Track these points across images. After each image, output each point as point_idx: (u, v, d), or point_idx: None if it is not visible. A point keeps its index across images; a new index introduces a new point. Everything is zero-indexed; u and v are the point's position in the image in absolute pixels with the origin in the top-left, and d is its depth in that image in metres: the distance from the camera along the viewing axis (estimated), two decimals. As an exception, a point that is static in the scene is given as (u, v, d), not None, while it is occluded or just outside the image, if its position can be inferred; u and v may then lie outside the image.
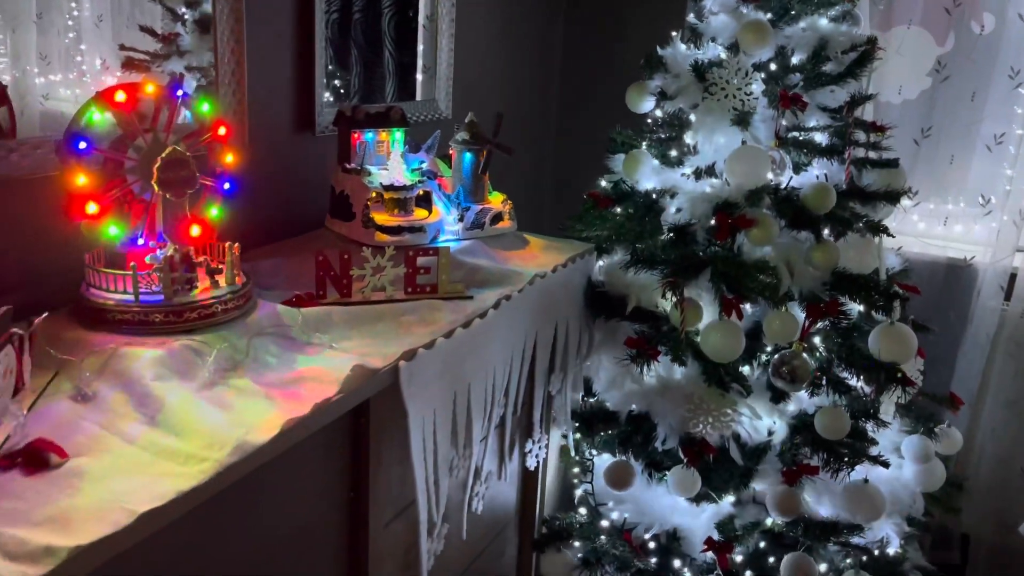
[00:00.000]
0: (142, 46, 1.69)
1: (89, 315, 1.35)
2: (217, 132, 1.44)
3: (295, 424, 1.19)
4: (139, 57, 1.69)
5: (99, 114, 1.29)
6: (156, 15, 1.74)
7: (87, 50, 1.60)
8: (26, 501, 0.96)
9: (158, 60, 1.74)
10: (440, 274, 1.71)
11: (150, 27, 1.77)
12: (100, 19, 1.64)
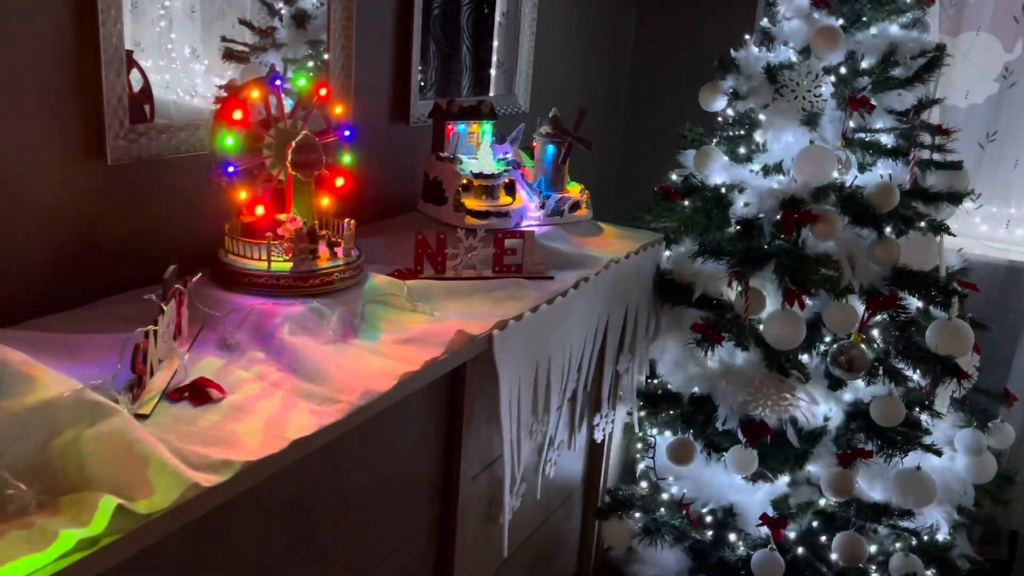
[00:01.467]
0: (241, 38, 1.81)
1: (226, 277, 1.54)
2: (319, 94, 1.60)
3: (409, 377, 1.36)
4: (238, 49, 1.83)
5: (230, 138, 1.48)
6: (249, 8, 1.84)
7: (177, 39, 1.69)
8: (198, 426, 1.15)
9: (256, 52, 1.89)
10: (525, 255, 1.87)
11: (248, 20, 1.94)
12: (192, 10, 1.75)
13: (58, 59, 1.42)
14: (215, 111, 1.52)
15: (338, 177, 1.61)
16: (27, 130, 1.40)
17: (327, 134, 1.61)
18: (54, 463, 0.99)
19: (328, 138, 1.59)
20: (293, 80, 1.62)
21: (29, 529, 0.90)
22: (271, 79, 1.53)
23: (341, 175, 1.62)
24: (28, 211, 1.42)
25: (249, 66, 1.85)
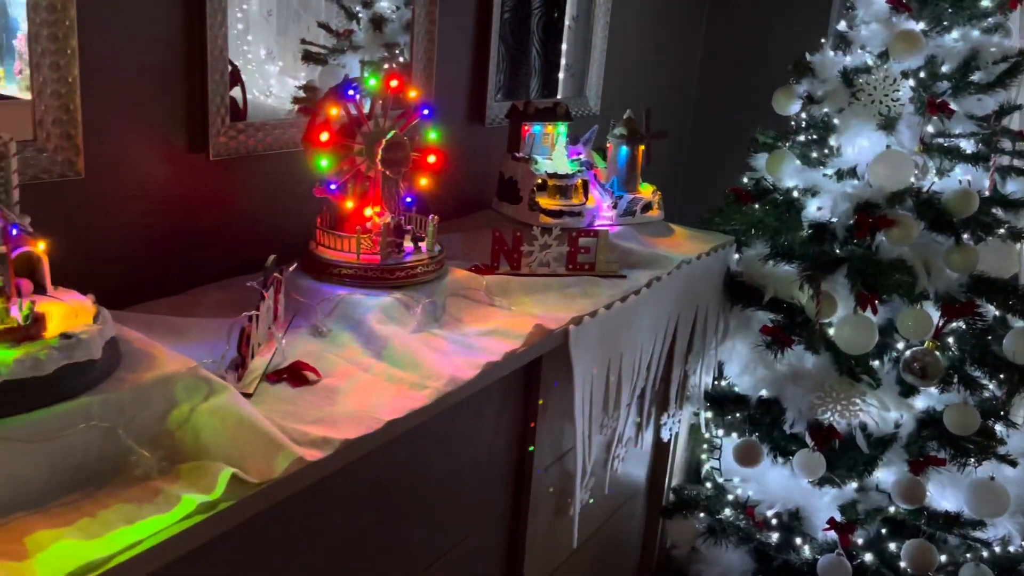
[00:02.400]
0: (319, 41, 1.86)
1: (316, 268, 1.61)
2: (390, 85, 1.66)
3: (491, 367, 1.41)
4: (316, 50, 1.89)
5: (325, 161, 1.56)
6: (326, 12, 1.89)
7: (253, 41, 1.74)
8: (297, 406, 1.21)
9: (334, 54, 1.96)
10: (599, 254, 1.91)
11: (326, 23, 2.02)
12: (269, 13, 1.81)
13: (169, 61, 1.52)
14: (303, 137, 1.60)
15: (430, 155, 1.67)
16: (140, 126, 1.50)
17: (409, 117, 1.66)
18: (173, 433, 1.07)
19: (411, 120, 1.64)
20: (364, 81, 1.67)
21: (154, 493, 0.98)
22: (343, 91, 1.60)
23: (432, 152, 1.68)
24: (139, 202, 1.52)
25: (327, 67, 1.92)
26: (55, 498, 0.95)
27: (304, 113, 1.79)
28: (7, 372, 0.94)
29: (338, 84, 1.61)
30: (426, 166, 1.69)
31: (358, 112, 1.60)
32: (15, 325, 1.00)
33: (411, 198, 1.71)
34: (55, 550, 0.86)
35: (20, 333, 1.00)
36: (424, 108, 1.66)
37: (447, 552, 1.55)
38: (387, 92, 1.62)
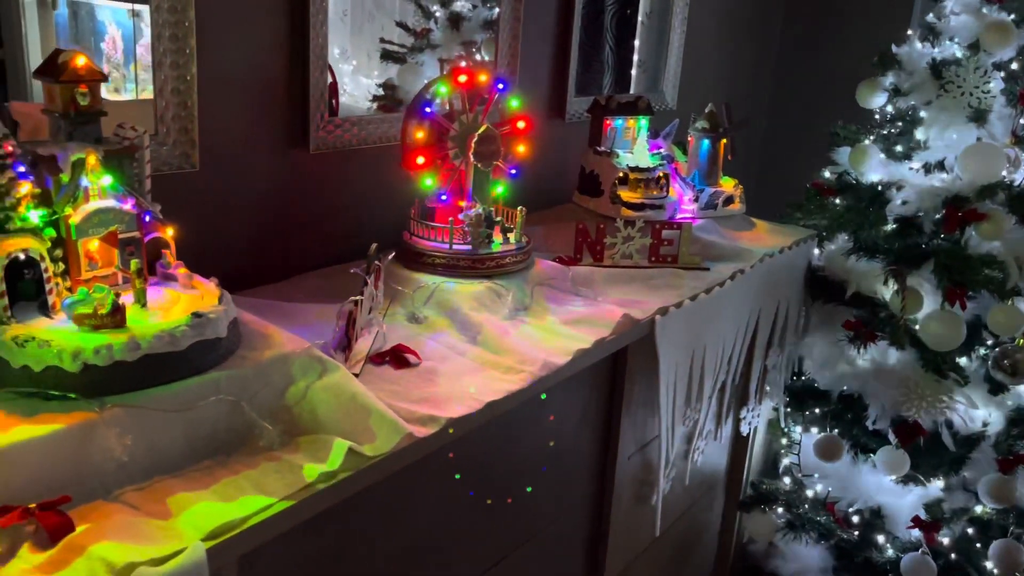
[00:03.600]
0: (397, 39, 1.92)
1: (410, 257, 1.67)
2: (517, 125, 1.72)
3: (582, 353, 1.45)
4: (393, 49, 1.95)
5: (444, 88, 1.61)
6: (401, 11, 1.94)
7: (329, 40, 1.74)
8: (402, 387, 1.27)
9: (412, 52, 2.01)
10: (681, 246, 1.93)
11: (404, 23, 2.07)
12: (344, 13, 1.84)
13: (274, 59, 1.60)
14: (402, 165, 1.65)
15: (519, 121, 1.71)
16: (247, 121, 1.58)
17: (488, 100, 1.69)
18: (291, 408, 1.13)
19: (491, 102, 1.68)
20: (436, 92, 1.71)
21: (278, 462, 1.04)
22: (420, 111, 1.63)
23: (520, 119, 1.72)
24: (245, 193, 1.60)
25: (406, 66, 1.98)
26: (190, 464, 1.03)
27: (384, 111, 1.85)
28: (147, 346, 1.02)
29: (411, 106, 1.65)
30: (519, 132, 1.72)
31: (440, 123, 1.64)
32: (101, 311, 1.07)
33: (515, 169, 1.74)
34: (195, 511, 0.93)
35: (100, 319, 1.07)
36: (499, 83, 1.69)
37: (534, 536, 1.59)
38: (461, 89, 1.66)
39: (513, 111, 1.73)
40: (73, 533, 0.87)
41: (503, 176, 1.74)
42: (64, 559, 0.84)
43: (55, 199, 1.08)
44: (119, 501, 0.94)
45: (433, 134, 1.64)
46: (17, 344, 0.98)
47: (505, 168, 1.73)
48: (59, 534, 0.87)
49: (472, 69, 1.62)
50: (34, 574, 0.82)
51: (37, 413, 0.95)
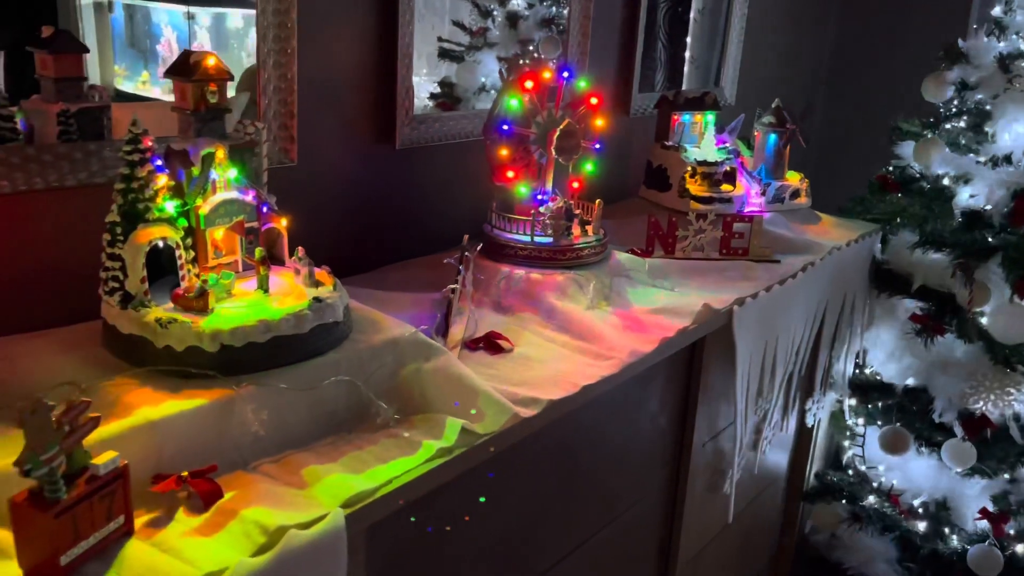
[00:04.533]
0: (449, 37, 1.95)
1: (492, 248, 1.72)
2: (590, 102, 1.75)
3: (667, 342, 1.49)
4: (451, 47, 1.98)
5: (515, 100, 1.66)
6: (452, 10, 1.96)
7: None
8: (498, 371, 1.32)
9: (470, 51, 2.05)
10: (752, 239, 1.96)
11: (461, 22, 2.12)
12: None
13: (364, 58, 1.66)
14: (508, 80, 1.69)
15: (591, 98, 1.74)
16: (339, 119, 1.64)
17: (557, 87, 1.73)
18: (403, 389, 1.20)
19: (560, 91, 1.72)
20: (576, 80, 1.76)
21: (396, 438, 1.10)
22: (560, 69, 1.69)
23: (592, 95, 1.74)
24: (336, 187, 1.67)
25: (464, 64, 2.03)
26: (316, 440, 1.09)
27: (442, 108, 1.90)
28: (275, 329, 1.09)
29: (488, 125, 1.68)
30: (592, 107, 1.76)
31: (520, 133, 1.69)
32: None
33: (599, 144, 1.77)
34: (328, 481, 1.00)
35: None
36: (563, 71, 1.72)
37: (615, 519, 1.64)
38: (530, 94, 1.70)
39: (583, 91, 1.76)
40: (222, 499, 0.94)
41: (590, 154, 1.77)
42: (218, 522, 0.90)
43: (187, 191, 1.15)
44: (258, 472, 1.01)
45: (516, 146, 1.68)
46: (161, 325, 1.05)
47: (589, 145, 1.76)
48: (211, 500, 0.93)
49: (533, 70, 1.66)
50: (193, 535, 0.89)
51: (181, 390, 1.02)
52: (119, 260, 1.08)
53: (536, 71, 1.69)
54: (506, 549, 1.36)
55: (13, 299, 1.22)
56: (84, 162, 1.27)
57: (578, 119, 1.72)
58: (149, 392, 1.01)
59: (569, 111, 1.73)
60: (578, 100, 1.78)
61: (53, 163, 1.24)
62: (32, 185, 1.21)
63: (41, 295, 1.24)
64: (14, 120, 1.28)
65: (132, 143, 1.07)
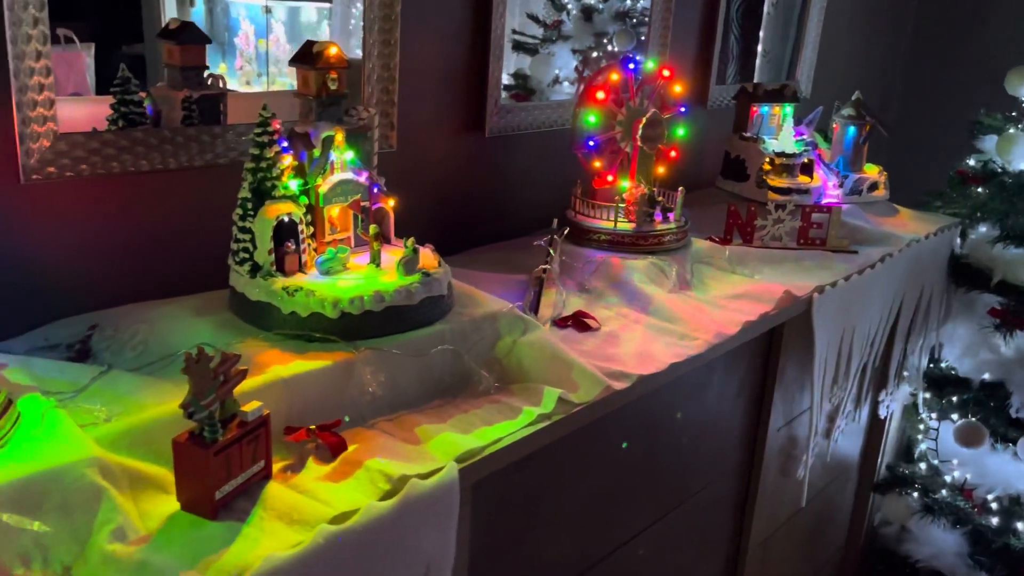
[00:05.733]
0: (528, 31, 2.00)
1: (575, 233, 1.79)
2: (663, 75, 1.80)
3: (750, 325, 1.54)
4: (525, 40, 2.03)
5: (592, 116, 1.73)
6: (522, 3, 1.99)
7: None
8: (588, 347, 1.39)
9: (544, 44, 2.11)
10: (830, 229, 1.98)
11: (535, 15, 2.17)
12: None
13: (458, 48, 1.74)
14: (580, 92, 1.77)
15: (672, 151, 1.82)
16: (434, 107, 1.73)
17: (667, 109, 1.81)
18: (501, 360, 1.27)
19: (668, 112, 1.79)
20: (644, 63, 1.82)
21: (498, 404, 1.18)
22: (625, 63, 1.76)
23: (674, 149, 1.83)
24: (431, 172, 1.76)
25: (538, 56, 2.09)
26: (424, 403, 1.18)
27: (516, 99, 1.96)
28: (390, 299, 1.17)
29: (584, 92, 1.77)
30: (668, 159, 1.83)
31: (610, 107, 1.76)
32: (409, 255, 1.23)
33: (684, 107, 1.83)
34: (440, 439, 1.08)
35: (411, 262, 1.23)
36: (629, 62, 1.78)
37: (692, 497, 1.70)
38: (659, 79, 1.77)
39: (654, 68, 1.81)
40: (347, 451, 1.03)
41: (677, 118, 1.82)
42: (346, 471, 0.99)
43: (308, 171, 1.24)
44: (375, 428, 1.10)
45: (604, 118, 1.75)
46: (288, 293, 1.14)
47: (674, 110, 1.81)
48: (337, 450, 1.02)
49: (601, 81, 1.72)
50: (324, 481, 0.98)
51: (306, 352, 1.12)
52: (249, 233, 1.17)
53: (604, 78, 1.75)
54: (591, 517, 1.43)
55: (150, 268, 1.33)
56: (211, 144, 1.37)
57: (658, 92, 1.77)
58: (278, 353, 1.11)
59: (650, 100, 1.78)
60: (651, 78, 1.83)
61: (184, 145, 1.35)
62: (166, 165, 1.32)
63: (174, 265, 1.36)
64: (143, 105, 1.39)
65: (262, 126, 1.17)
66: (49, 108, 1.17)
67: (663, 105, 1.81)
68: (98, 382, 1.04)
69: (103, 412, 0.96)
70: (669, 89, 1.80)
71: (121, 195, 1.30)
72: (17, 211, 1.19)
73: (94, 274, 1.29)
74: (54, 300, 1.24)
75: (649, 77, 1.80)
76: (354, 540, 0.89)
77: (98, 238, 1.29)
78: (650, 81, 1.81)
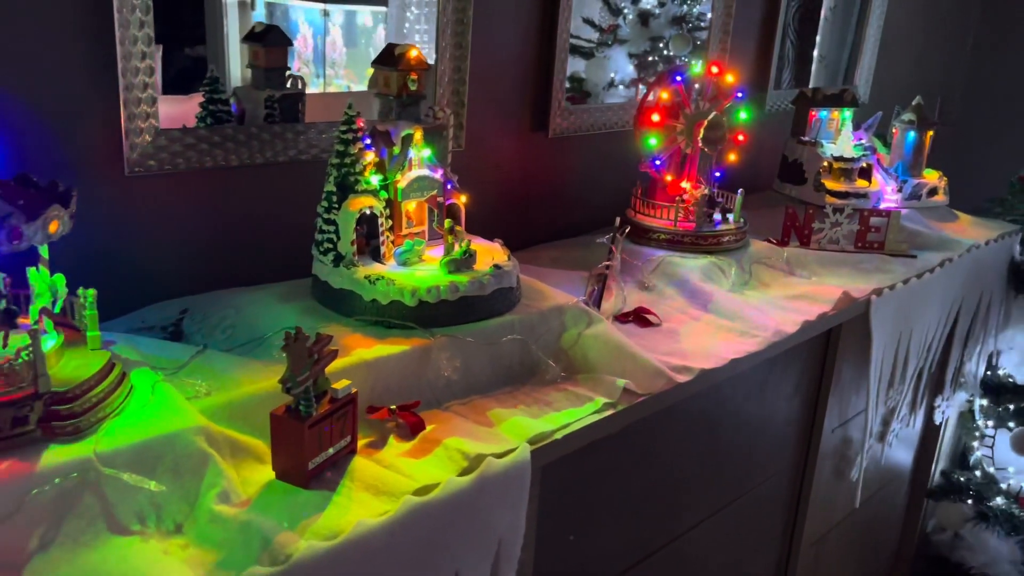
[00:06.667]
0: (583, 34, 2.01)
1: (635, 232, 1.83)
2: (711, 71, 1.84)
3: (809, 324, 1.57)
4: (579, 43, 2.03)
5: (653, 138, 1.78)
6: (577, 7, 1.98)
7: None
8: (649, 342, 1.43)
9: (600, 47, 2.13)
10: (889, 233, 1.99)
11: (591, 19, 2.21)
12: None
13: (524, 51, 1.80)
14: (635, 115, 1.82)
15: (739, 135, 1.85)
16: (500, 108, 1.79)
17: (725, 99, 1.83)
18: (566, 351, 1.32)
19: (727, 102, 1.82)
20: (690, 68, 1.86)
21: (565, 392, 1.23)
22: (671, 78, 1.79)
23: (741, 132, 1.85)
24: (495, 171, 1.82)
25: (594, 60, 2.12)
26: (495, 388, 1.23)
27: (571, 102, 2.00)
28: (464, 289, 1.23)
29: (663, 72, 1.82)
30: (736, 143, 1.86)
31: (682, 96, 1.80)
32: (457, 256, 1.29)
33: (720, 172, 1.88)
34: (512, 423, 1.13)
35: (460, 263, 1.29)
36: (739, 92, 1.82)
37: (747, 492, 1.73)
38: (709, 77, 1.81)
39: (739, 123, 1.85)
40: (425, 430, 1.09)
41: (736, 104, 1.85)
42: (425, 448, 1.05)
43: (388, 167, 1.31)
44: (450, 411, 1.16)
45: (672, 103, 1.79)
46: (370, 282, 1.21)
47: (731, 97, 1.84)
48: (416, 430, 1.09)
49: (725, 67, 1.76)
50: (405, 458, 1.04)
51: (386, 337, 1.18)
52: (333, 224, 1.24)
53: (655, 98, 1.79)
54: (649, 507, 1.47)
55: (237, 257, 1.41)
56: (293, 141, 1.45)
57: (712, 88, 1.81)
58: (360, 337, 1.18)
59: (705, 99, 1.82)
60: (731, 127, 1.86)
61: (269, 141, 1.43)
62: (253, 160, 1.40)
63: (259, 254, 1.44)
64: (228, 103, 1.47)
65: (347, 123, 1.23)
66: (152, 105, 1.26)
67: (719, 94, 1.84)
68: (195, 360, 1.12)
69: (203, 386, 1.04)
70: (721, 81, 1.83)
71: (211, 188, 1.38)
72: (120, 202, 1.28)
73: (185, 262, 1.37)
74: (149, 285, 1.33)
75: (699, 80, 1.83)
76: (435, 512, 0.95)
77: (190, 228, 1.37)
78: (702, 82, 1.85)
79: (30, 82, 1.16)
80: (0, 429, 0.84)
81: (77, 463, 0.84)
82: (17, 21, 1.13)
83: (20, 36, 1.14)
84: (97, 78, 1.21)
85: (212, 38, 1.43)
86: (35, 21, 1.14)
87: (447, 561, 0.99)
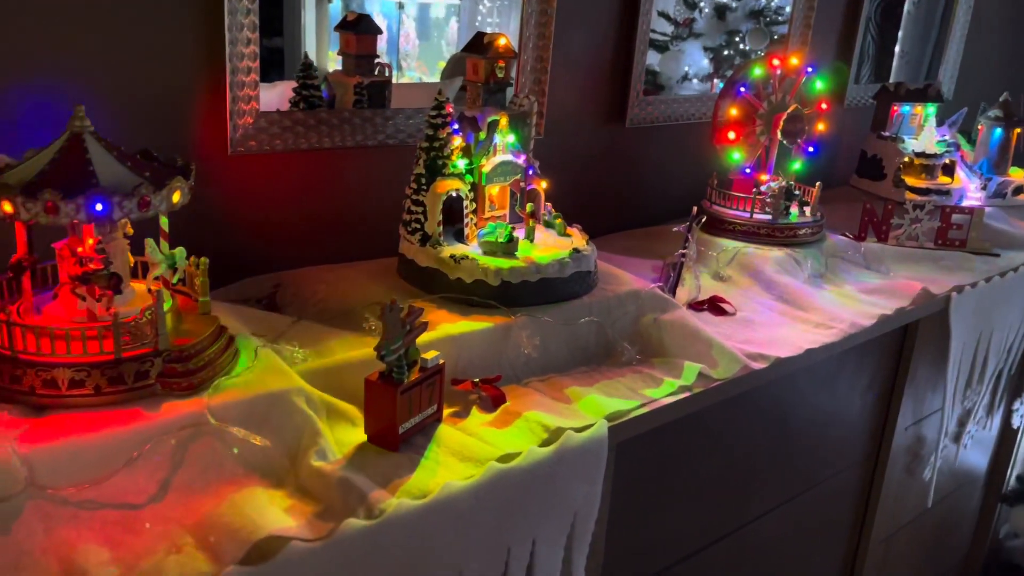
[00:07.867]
0: (659, 28, 2.01)
1: (710, 223, 1.84)
2: (820, 106, 1.84)
3: (885, 318, 1.56)
4: (655, 37, 2.02)
5: (759, 70, 1.78)
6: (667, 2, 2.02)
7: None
8: (723, 330, 1.45)
9: (675, 41, 2.12)
10: (971, 231, 1.96)
11: (667, 13, 2.20)
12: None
13: (606, 43, 1.82)
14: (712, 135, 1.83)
15: (822, 103, 1.85)
16: (579, 98, 1.82)
17: (797, 79, 1.82)
18: (642, 335, 1.35)
19: (799, 82, 1.81)
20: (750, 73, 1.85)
21: (641, 374, 1.26)
22: (735, 91, 1.79)
23: (823, 101, 1.86)
24: (573, 160, 1.85)
25: (668, 53, 2.12)
26: (572, 368, 1.27)
27: (644, 95, 1.99)
28: (544, 271, 1.27)
29: (726, 86, 1.82)
30: (821, 111, 1.85)
31: (751, 101, 1.80)
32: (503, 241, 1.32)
33: (814, 147, 1.86)
34: (588, 400, 1.17)
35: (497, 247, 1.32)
36: (809, 67, 1.81)
37: (817, 484, 1.73)
38: (773, 71, 1.80)
39: (817, 93, 1.85)
40: (505, 404, 1.14)
41: (800, 154, 1.86)
42: (506, 420, 1.10)
43: (473, 152, 1.35)
44: (529, 387, 1.20)
45: (744, 112, 1.80)
46: (455, 261, 1.26)
47: (803, 146, 1.85)
48: (498, 402, 1.13)
49: (785, 55, 1.76)
50: (488, 428, 1.08)
51: (469, 314, 1.23)
52: (421, 205, 1.30)
53: (724, 117, 1.79)
54: (720, 492, 1.49)
55: (329, 235, 1.48)
56: (383, 126, 1.51)
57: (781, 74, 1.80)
58: (444, 314, 1.23)
59: (781, 91, 1.82)
60: (809, 101, 1.85)
61: (360, 126, 1.49)
62: (344, 143, 1.47)
63: (348, 233, 1.50)
64: (319, 89, 1.54)
65: (437, 109, 1.29)
66: (254, 89, 1.33)
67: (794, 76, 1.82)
68: (291, 329, 1.18)
69: (300, 353, 1.10)
70: (787, 67, 1.82)
71: (305, 169, 1.45)
72: (222, 180, 1.36)
73: (279, 238, 1.45)
74: (245, 259, 1.41)
75: (809, 96, 1.83)
76: (517, 479, 0.99)
77: (284, 207, 1.44)
78: (807, 102, 1.84)
79: (147, 68, 1.24)
80: (124, 381, 0.91)
81: (191, 416, 0.91)
82: (135, 17, 1.21)
83: (138, 26, 1.22)
84: (205, 63, 1.28)
85: (290, 30, 1.48)
86: (152, 14, 1.23)
87: (526, 528, 1.03)
